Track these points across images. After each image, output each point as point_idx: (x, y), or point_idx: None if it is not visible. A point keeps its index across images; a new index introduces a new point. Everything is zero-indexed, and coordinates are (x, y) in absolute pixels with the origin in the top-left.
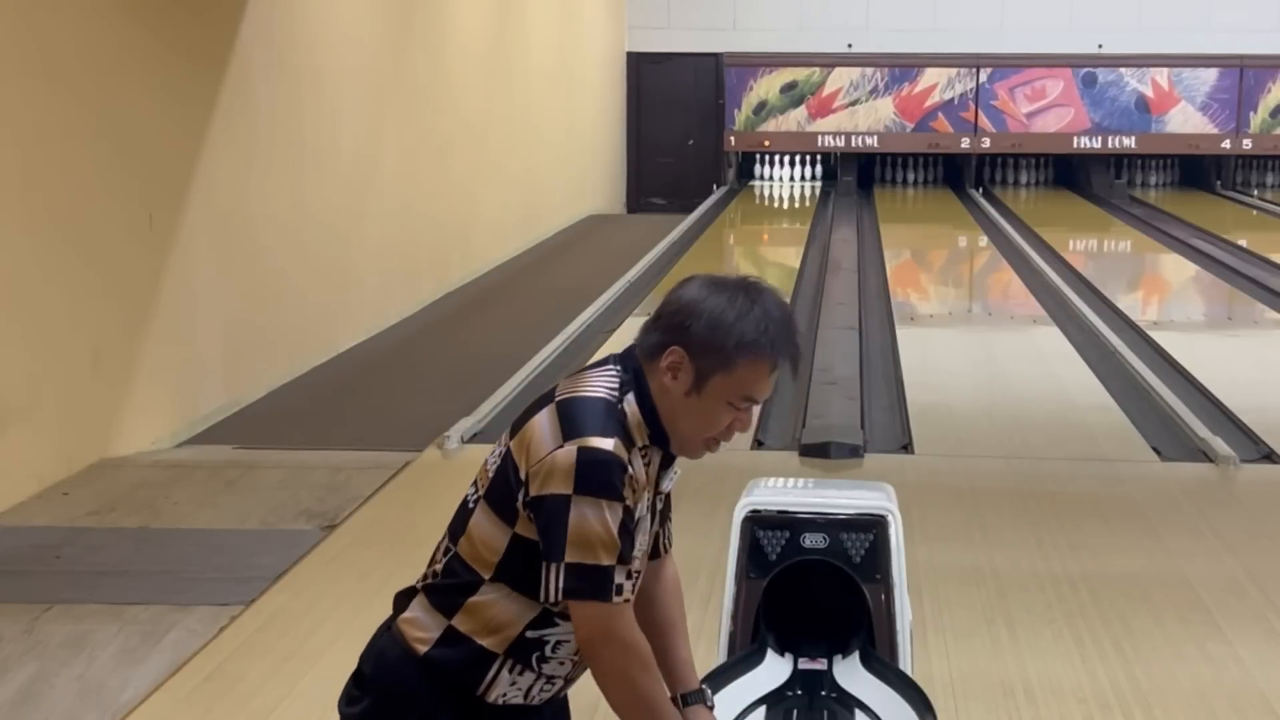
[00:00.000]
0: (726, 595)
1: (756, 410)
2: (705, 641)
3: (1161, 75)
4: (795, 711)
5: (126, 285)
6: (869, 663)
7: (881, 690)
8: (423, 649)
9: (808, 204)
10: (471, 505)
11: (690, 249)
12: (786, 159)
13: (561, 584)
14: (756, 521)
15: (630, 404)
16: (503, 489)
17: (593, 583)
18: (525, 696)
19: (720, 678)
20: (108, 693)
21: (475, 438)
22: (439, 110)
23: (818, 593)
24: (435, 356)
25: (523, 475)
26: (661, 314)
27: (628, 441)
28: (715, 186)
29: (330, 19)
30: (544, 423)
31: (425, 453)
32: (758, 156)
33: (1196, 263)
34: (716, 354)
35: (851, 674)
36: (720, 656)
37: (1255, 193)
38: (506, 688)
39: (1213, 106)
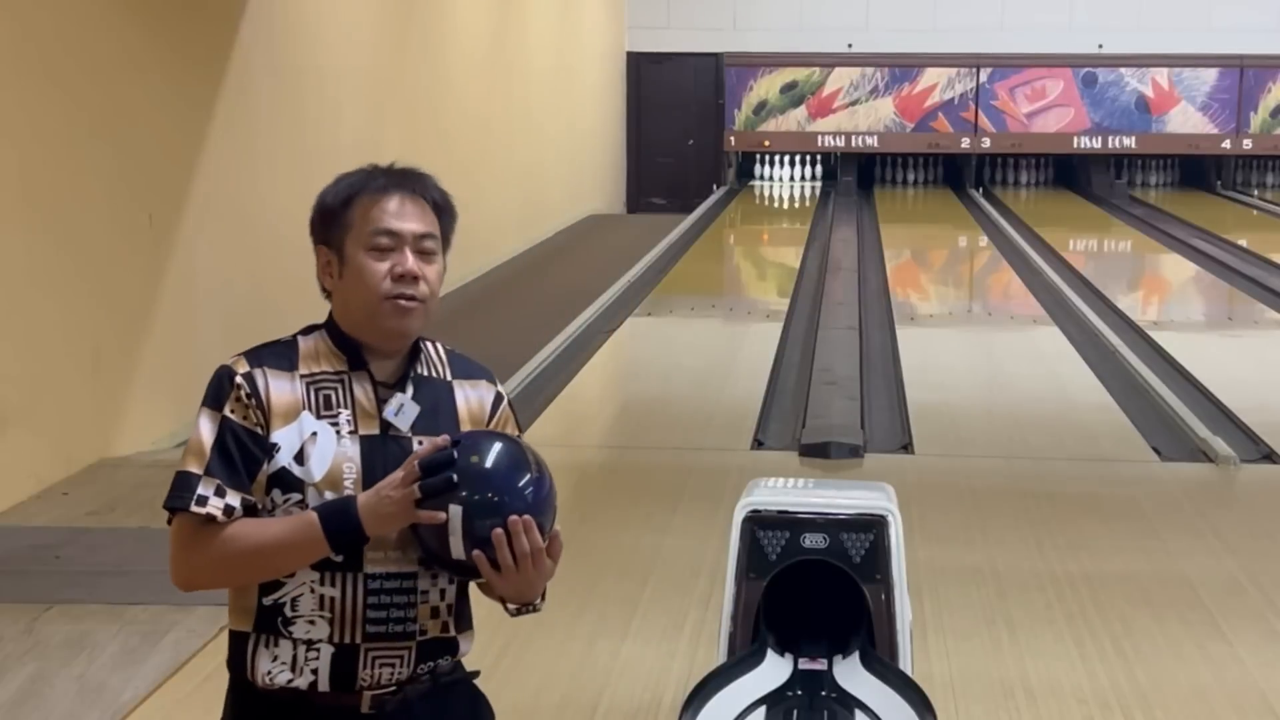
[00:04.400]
0: (726, 595)
1: (408, 252)
2: (705, 641)
3: (1161, 75)
4: (795, 711)
5: (126, 285)
6: (869, 663)
7: (881, 690)
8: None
9: (808, 204)
10: None
11: (690, 249)
12: (786, 159)
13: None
14: (756, 521)
15: (310, 338)
16: None
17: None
18: (293, 669)
19: (720, 678)
20: (108, 693)
21: None
22: (439, 110)
23: (818, 593)
24: None
25: None
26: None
27: (267, 362)
28: (715, 186)
29: (330, 19)
30: None
31: None
32: (758, 156)
33: (1196, 263)
34: (333, 220)
35: (851, 674)
36: (720, 656)
37: (1255, 193)
38: (269, 664)
39: (1213, 106)
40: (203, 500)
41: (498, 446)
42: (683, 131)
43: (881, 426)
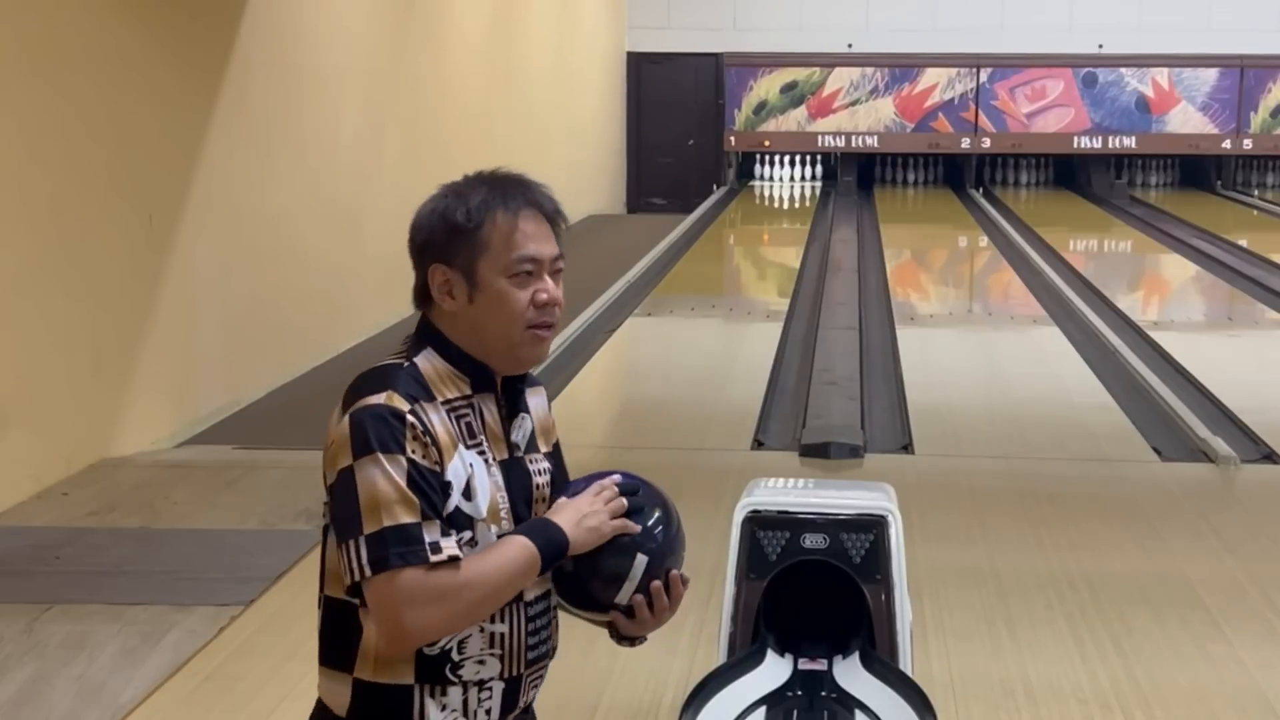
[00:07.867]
0: (726, 596)
1: (547, 278)
2: (705, 642)
3: (1162, 75)
4: (795, 712)
5: (126, 285)
6: (869, 663)
7: (881, 690)
8: (343, 714)
9: (808, 204)
10: (322, 538)
11: (690, 249)
12: (786, 159)
13: (365, 557)
14: (756, 522)
15: (424, 359)
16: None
17: (399, 545)
18: (465, 712)
19: (720, 678)
20: (108, 693)
21: None
22: (439, 109)
23: (818, 593)
24: None
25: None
26: (411, 254)
27: (415, 394)
28: (715, 186)
29: (330, 18)
30: (333, 415)
31: None
32: (758, 156)
33: (1196, 263)
34: (463, 240)
35: (851, 674)
36: (720, 657)
37: (1255, 193)
38: (438, 714)
39: (1213, 106)
40: (436, 547)
41: (666, 501)
42: (683, 131)
43: (881, 426)
